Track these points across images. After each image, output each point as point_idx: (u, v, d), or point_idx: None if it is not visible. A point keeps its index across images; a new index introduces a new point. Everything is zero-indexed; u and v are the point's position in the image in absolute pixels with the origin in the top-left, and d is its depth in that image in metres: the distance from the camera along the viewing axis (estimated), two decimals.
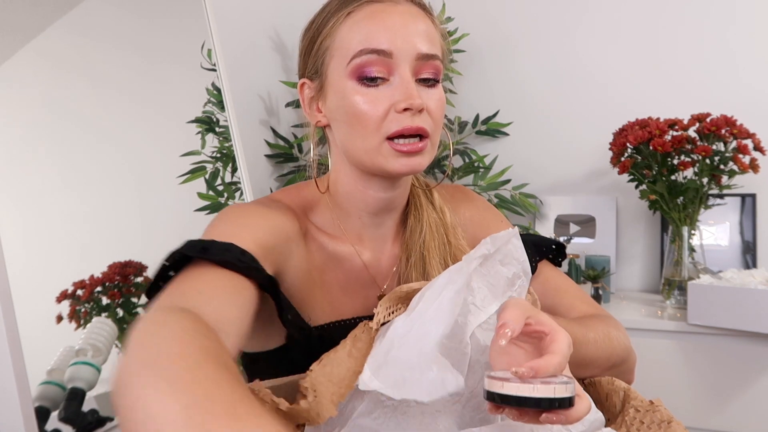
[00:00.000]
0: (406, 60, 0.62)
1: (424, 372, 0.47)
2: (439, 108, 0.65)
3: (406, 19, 0.62)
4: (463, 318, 0.53)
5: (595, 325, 0.65)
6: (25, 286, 0.77)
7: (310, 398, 0.45)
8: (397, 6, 0.64)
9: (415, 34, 0.62)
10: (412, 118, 0.61)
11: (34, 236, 0.88)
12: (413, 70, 0.62)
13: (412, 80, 0.62)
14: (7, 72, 0.85)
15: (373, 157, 0.63)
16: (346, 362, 0.51)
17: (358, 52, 0.61)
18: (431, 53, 0.63)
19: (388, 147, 0.62)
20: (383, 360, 0.49)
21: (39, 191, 0.90)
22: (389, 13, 0.63)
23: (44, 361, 0.86)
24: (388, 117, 0.62)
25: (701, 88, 1.58)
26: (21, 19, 0.88)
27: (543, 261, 0.77)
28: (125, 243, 1.04)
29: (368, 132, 0.62)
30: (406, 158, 0.62)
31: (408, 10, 0.64)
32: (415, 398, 0.46)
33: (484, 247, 0.53)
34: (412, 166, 0.63)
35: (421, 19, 0.64)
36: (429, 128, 0.63)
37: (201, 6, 1.22)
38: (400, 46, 0.61)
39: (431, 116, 0.63)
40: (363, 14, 0.63)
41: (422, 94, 0.63)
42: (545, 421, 0.42)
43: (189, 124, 1.22)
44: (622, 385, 0.55)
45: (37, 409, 0.79)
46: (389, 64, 0.62)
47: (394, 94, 0.62)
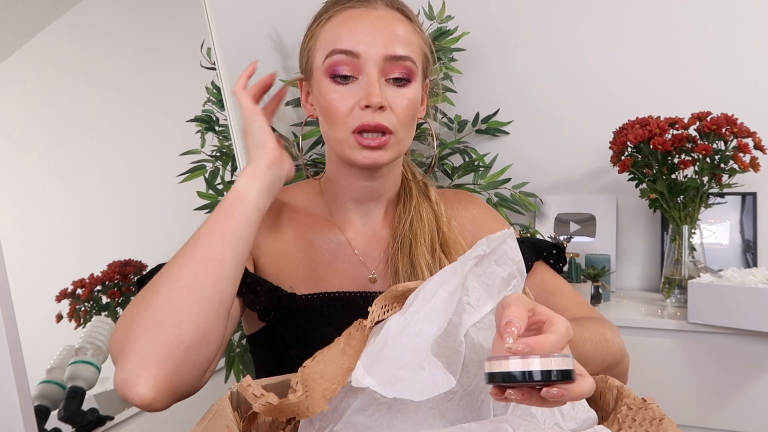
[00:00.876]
0: (372, 61, 0.68)
1: (417, 371, 0.47)
2: (406, 107, 0.70)
3: (377, 24, 0.69)
4: (458, 317, 0.53)
5: (590, 326, 0.66)
6: (24, 285, 0.77)
7: (299, 393, 0.46)
8: (373, 11, 0.70)
9: (385, 38, 0.68)
10: (372, 115, 0.67)
11: (33, 235, 0.88)
12: (381, 70, 0.68)
13: (377, 80, 0.68)
14: (5, 71, 0.85)
15: (343, 148, 0.70)
16: (339, 359, 0.52)
17: (330, 52, 0.69)
18: (401, 55, 0.68)
19: (353, 140, 0.69)
20: (376, 358, 0.50)
21: (38, 190, 0.90)
22: (362, 18, 0.69)
23: (44, 360, 0.86)
24: (353, 113, 0.68)
25: (702, 86, 1.58)
26: (20, 18, 0.88)
27: (540, 262, 0.79)
28: (125, 242, 1.04)
29: (338, 125, 0.69)
30: (368, 151, 0.68)
31: (383, 15, 0.70)
32: (407, 397, 0.46)
33: (479, 248, 0.54)
34: (373, 159, 0.69)
35: (396, 23, 0.70)
36: (391, 125, 0.68)
37: (200, 5, 1.22)
38: (367, 49, 0.67)
39: (396, 114, 0.69)
40: (339, 18, 0.70)
41: (389, 93, 0.69)
42: (548, 397, 0.41)
43: (188, 123, 1.22)
44: (615, 383, 0.55)
45: (37, 408, 0.79)
46: (357, 64, 0.68)
47: (360, 91, 0.68)
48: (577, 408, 0.51)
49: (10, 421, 0.72)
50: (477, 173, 1.56)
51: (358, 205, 0.78)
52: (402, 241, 0.75)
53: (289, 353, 0.69)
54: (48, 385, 0.85)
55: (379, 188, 0.77)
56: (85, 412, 0.87)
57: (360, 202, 0.78)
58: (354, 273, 0.76)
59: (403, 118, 0.69)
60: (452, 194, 0.86)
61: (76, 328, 0.91)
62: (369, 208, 0.78)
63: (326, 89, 0.69)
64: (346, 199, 0.78)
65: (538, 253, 0.79)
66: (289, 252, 0.75)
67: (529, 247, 0.77)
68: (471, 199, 0.87)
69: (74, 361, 0.88)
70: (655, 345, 1.24)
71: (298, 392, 0.46)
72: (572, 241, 1.61)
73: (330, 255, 0.76)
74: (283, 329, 0.70)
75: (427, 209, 0.78)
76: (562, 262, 0.81)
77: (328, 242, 0.77)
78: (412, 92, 0.70)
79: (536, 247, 0.79)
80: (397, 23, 0.70)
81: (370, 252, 0.77)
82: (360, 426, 0.50)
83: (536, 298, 0.71)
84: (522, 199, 1.55)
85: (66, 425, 0.84)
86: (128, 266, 1.01)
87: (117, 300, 0.98)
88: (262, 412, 0.46)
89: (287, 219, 0.77)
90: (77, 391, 0.87)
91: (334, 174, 0.77)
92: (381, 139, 0.68)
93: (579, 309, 0.75)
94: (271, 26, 1.57)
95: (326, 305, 0.71)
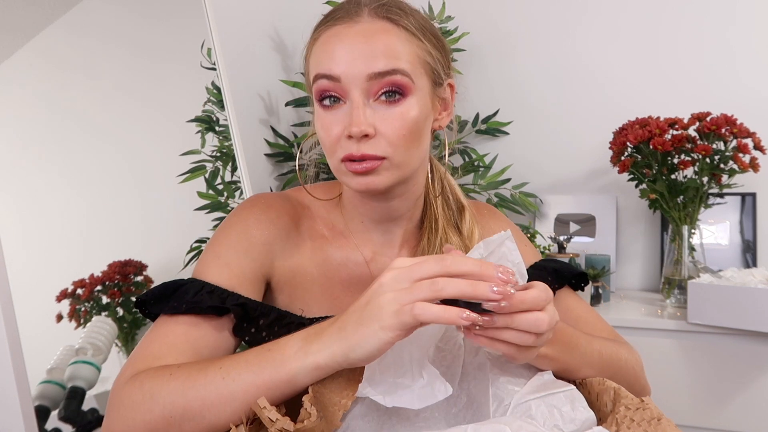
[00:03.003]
0: (354, 83, 0.62)
1: (416, 378, 0.47)
2: (398, 127, 0.63)
3: (356, 40, 0.62)
4: None
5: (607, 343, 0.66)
6: (25, 285, 0.77)
7: (313, 417, 0.46)
8: (355, 26, 0.63)
9: (367, 55, 0.61)
10: (357, 145, 0.62)
11: (34, 235, 0.88)
12: (366, 91, 0.62)
13: (360, 105, 0.62)
14: (6, 71, 0.85)
15: (338, 174, 0.66)
16: (346, 372, 0.52)
17: (315, 76, 0.64)
18: (384, 70, 0.61)
19: (344, 167, 0.64)
20: (377, 368, 0.50)
21: (38, 190, 0.90)
22: (342, 36, 0.63)
23: (44, 360, 0.86)
24: (340, 142, 0.63)
25: (701, 87, 1.58)
26: (20, 19, 0.88)
27: (565, 288, 0.77)
28: (125, 242, 1.04)
29: (328, 153, 0.66)
30: (361, 177, 0.64)
31: (365, 30, 0.63)
32: (406, 405, 0.46)
33: (477, 251, 0.54)
34: (367, 184, 0.64)
35: (379, 35, 0.63)
36: (381, 152, 0.62)
37: (200, 5, 1.22)
38: (348, 70, 0.62)
39: (386, 138, 0.63)
40: (322, 39, 0.65)
41: (380, 114, 0.63)
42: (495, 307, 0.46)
43: (189, 123, 1.22)
44: (612, 384, 0.55)
45: (37, 408, 0.79)
46: (340, 87, 0.63)
47: (345, 118, 0.63)
48: (576, 409, 0.51)
49: (10, 421, 0.72)
50: (477, 173, 1.56)
51: (377, 224, 0.73)
52: None
53: None
54: (48, 385, 0.85)
55: (396, 209, 0.72)
56: (85, 412, 0.88)
57: (378, 222, 0.73)
58: None
59: (395, 140, 0.63)
60: (474, 208, 0.80)
61: (76, 328, 0.91)
62: (389, 228, 0.74)
63: (317, 115, 0.66)
64: (363, 218, 0.73)
65: (562, 279, 0.76)
66: (306, 266, 0.71)
67: (552, 274, 0.74)
68: (493, 215, 0.83)
69: (74, 361, 0.88)
70: (655, 345, 1.24)
71: (312, 416, 0.46)
72: (572, 241, 1.61)
73: (346, 273, 0.72)
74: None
75: (455, 243, 0.73)
76: (585, 283, 0.78)
77: (345, 260, 0.72)
78: (406, 107, 0.63)
79: (559, 273, 0.76)
80: (381, 35, 0.63)
81: None
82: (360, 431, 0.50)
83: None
84: (522, 200, 1.55)
85: (66, 425, 0.84)
86: (128, 266, 1.01)
87: (117, 300, 0.98)
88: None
89: (306, 227, 0.73)
90: (77, 391, 0.87)
91: (348, 193, 0.73)
92: (367, 164, 0.62)
93: (602, 335, 0.73)
94: (271, 26, 1.57)
95: None
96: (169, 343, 0.58)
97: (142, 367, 0.56)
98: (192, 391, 0.51)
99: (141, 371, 0.55)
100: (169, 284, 0.62)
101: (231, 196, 1.26)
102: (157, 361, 0.57)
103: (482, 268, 0.46)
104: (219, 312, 0.61)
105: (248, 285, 0.64)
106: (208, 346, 0.60)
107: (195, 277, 0.64)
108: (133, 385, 0.54)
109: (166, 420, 0.52)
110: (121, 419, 0.53)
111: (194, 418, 0.51)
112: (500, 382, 0.53)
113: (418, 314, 0.45)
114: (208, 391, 0.51)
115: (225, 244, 0.66)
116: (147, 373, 0.54)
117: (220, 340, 0.62)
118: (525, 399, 0.51)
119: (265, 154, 1.50)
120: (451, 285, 0.46)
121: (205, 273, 0.64)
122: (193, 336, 0.60)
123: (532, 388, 0.53)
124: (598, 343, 0.64)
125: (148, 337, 0.60)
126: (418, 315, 0.45)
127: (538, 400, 0.51)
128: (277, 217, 0.70)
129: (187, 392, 0.52)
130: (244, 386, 0.51)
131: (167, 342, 0.58)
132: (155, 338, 0.59)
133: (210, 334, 0.61)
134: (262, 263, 0.67)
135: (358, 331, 0.47)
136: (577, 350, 0.60)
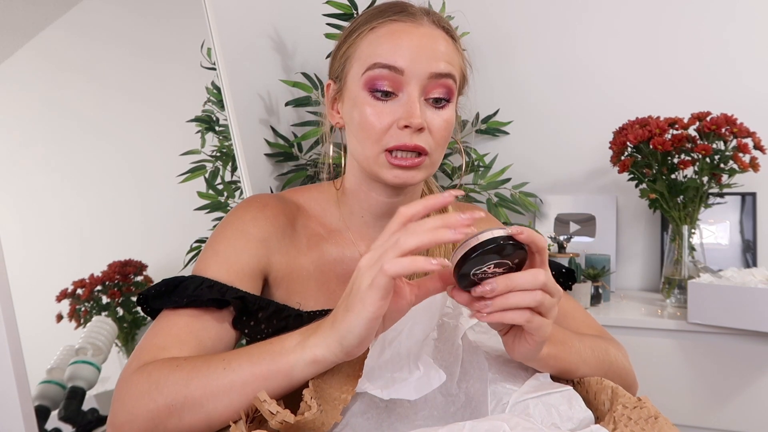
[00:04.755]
0: (416, 79, 0.65)
1: (413, 371, 0.47)
2: (444, 129, 0.68)
3: (424, 41, 0.66)
4: (455, 321, 0.54)
5: (595, 340, 0.67)
6: (24, 285, 0.77)
7: (314, 410, 0.46)
8: (419, 28, 0.68)
9: (431, 55, 0.66)
10: (410, 136, 0.65)
11: (33, 235, 0.88)
12: (423, 89, 0.66)
13: (418, 99, 0.65)
14: (6, 71, 0.85)
15: (371, 165, 0.68)
16: (345, 366, 0.52)
17: (373, 65, 0.66)
18: (444, 72, 0.66)
19: (384, 159, 0.66)
20: (375, 363, 0.50)
21: (38, 190, 0.90)
22: (409, 33, 0.67)
23: (44, 360, 0.86)
24: (390, 131, 0.66)
25: (701, 86, 1.58)
26: (20, 19, 0.89)
27: None
28: (125, 242, 1.04)
29: (370, 141, 0.67)
30: (400, 171, 0.66)
31: (429, 33, 0.68)
32: (403, 396, 0.47)
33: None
34: (405, 178, 0.67)
35: (441, 41, 0.68)
36: (428, 147, 0.67)
37: (200, 5, 1.22)
38: (412, 65, 0.65)
39: (433, 136, 0.67)
40: (384, 31, 0.68)
41: (428, 114, 0.67)
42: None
43: (189, 123, 1.22)
44: (610, 383, 0.56)
45: (37, 408, 0.79)
46: (399, 80, 0.65)
47: (399, 110, 0.66)
48: (573, 408, 0.51)
49: (10, 421, 0.72)
50: (477, 173, 1.56)
51: (376, 220, 0.75)
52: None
53: None
54: (48, 385, 0.85)
55: (400, 205, 0.74)
56: (85, 412, 0.88)
57: (378, 218, 0.75)
58: None
59: (440, 140, 0.68)
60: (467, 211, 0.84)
61: (76, 328, 0.91)
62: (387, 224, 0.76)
63: (362, 102, 0.67)
64: (363, 212, 0.75)
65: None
66: (301, 262, 0.73)
67: None
68: (486, 216, 0.85)
69: (74, 361, 0.89)
70: (655, 345, 1.24)
71: (313, 409, 0.46)
72: (572, 241, 1.61)
73: (342, 268, 0.74)
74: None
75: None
76: (572, 281, 0.81)
77: (341, 255, 0.74)
78: (449, 113, 0.69)
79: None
80: (442, 41, 0.68)
81: None
82: (359, 428, 0.50)
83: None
84: (522, 200, 1.55)
85: (66, 425, 0.84)
86: (128, 266, 1.01)
87: (117, 300, 0.98)
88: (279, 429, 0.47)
89: (301, 226, 0.75)
90: (77, 391, 0.87)
91: (354, 186, 0.75)
92: (415, 159, 0.66)
93: (590, 332, 0.75)
94: (271, 26, 1.57)
95: None
96: (173, 334, 0.60)
97: (148, 359, 0.57)
98: (195, 381, 0.53)
99: (148, 362, 0.56)
100: (170, 280, 0.64)
101: (231, 196, 1.26)
102: (163, 351, 0.58)
103: (444, 218, 0.47)
104: (219, 305, 0.62)
105: (247, 280, 0.66)
106: (211, 338, 0.62)
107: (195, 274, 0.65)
108: (141, 375, 0.55)
109: (168, 409, 0.52)
110: (125, 408, 0.54)
111: (194, 407, 0.52)
112: (498, 382, 0.53)
113: (387, 269, 0.45)
114: (210, 380, 0.52)
115: (223, 241, 0.68)
116: (154, 364, 0.56)
117: (221, 332, 0.63)
118: (523, 398, 0.51)
119: (265, 154, 1.51)
120: (412, 237, 0.46)
121: (204, 270, 0.65)
122: (196, 327, 0.61)
123: (529, 388, 0.53)
124: (589, 340, 0.66)
125: (152, 330, 0.61)
126: (387, 270, 0.45)
127: (536, 399, 0.51)
128: (273, 215, 0.71)
129: (190, 382, 0.53)
130: (243, 376, 0.52)
131: (171, 333, 0.60)
132: (159, 331, 0.61)
133: (212, 325, 0.62)
134: (259, 259, 0.68)
135: (346, 317, 0.48)
136: (573, 348, 0.61)
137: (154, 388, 0.53)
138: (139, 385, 0.54)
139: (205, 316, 0.62)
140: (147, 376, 0.54)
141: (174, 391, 0.53)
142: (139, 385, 0.54)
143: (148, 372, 0.55)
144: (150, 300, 0.63)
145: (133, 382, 0.55)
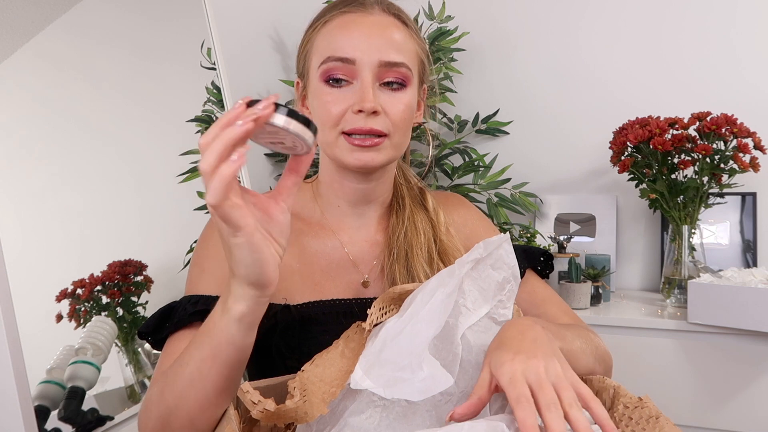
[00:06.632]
0: (367, 67, 0.67)
1: (416, 371, 0.47)
2: (402, 111, 0.69)
3: (372, 30, 0.69)
4: (454, 320, 0.54)
5: (577, 329, 0.69)
6: (24, 285, 0.77)
7: (296, 398, 0.46)
8: (369, 16, 0.70)
9: (380, 44, 0.68)
10: (365, 120, 0.67)
11: (33, 235, 0.88)
12: (376, 75, 0.68)
13: (371, 85, 0.67)
14: (5, 71, 0.85)
15: (333, 150, 0.70)
16: (338, 362, 0.52)
17: (326, 58, 0.69)
18: (395, 61, 0.68)
19: (344, 140, 0.68)
20: (375, 360, 0.50)
21: (38, 190, 0.90)
22: (358, 24, 0.69)
23: (44, 360, 0.86)
24: (345, 116, 0.68)
25: (701, 86, 1.58)
26: (20, 18, 0.88)
27: (530, 270, 0.81)
28: (125, 242, 1.04)
29: (328, 127, 0.69)
30: (360, 152, 0.68)
31: (379, 21, 0.70)
32: (407, 397, 0.47)
33: (476, 251, 0.55)
34: (366, 160, 0.68)
35: (392, 29, 0.70)
36: (385, 129, 0.68)
37: (200, 5, 1.22)
38: (362, 55, 0.67)
39: (390, 118, 0.69)
40: (336, 23, 0.70)
41: (383, 98, 0.69)
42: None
43: (188, 123, 1.22)
44: (612, 383, 0.56)
45: (37, 408, 0.79)
46: (352, 69, 0.68)
47: (353, 96, 0.68)
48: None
49: (10, 421, 0.72)
50: (477, 173, 1.56)
51: (352, 207, 0.77)
52: (398, 252, 0.74)
53: (284, 363, 0.68)
54: (48, 385, 0.85)
55: (373, 191, 0.76)
56: (85, 412, 0.88)
57: (354, 205, 0.77)
58: (348, 278, 0.75)
59: (398, 122, 0.69)
60: (442, 197, 0.86)
61: (76, 328, 0.91)
62: (363, 211, 0.78)
63: (320, 93, 0.69)
64: (339, 202, 0.77)
65: (530, 261, 0.80)
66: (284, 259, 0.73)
67: (520, 255, 0.77)
68: (462, 203, 0.87)
69: (74, 361, 0.88)
70: (655, 345, 1.24)
71: (295, 398, 0.47)
72: (572, 241, 1.61)
73: (324, 260, 0.75)
74: (278, 340, 0.69)
75: (422, 218, 0.78)
76: (550, 270, 0.83)
77: (322, 246, 0.76)
78: (407, 97, 0.70)
79: (528, 254, 0.80)
80: (393, 29, 0.70)
81: (364, 256, 0.77)
82: (357, 428, 0.50)
83: (526, 306, 0.76)
84: (522, 199, 1.55)
85: (66, 425, 0.84)
86: (128, 266, 1.01)
87: (117, 300, 0.98)
88: (260, 419, 0.46)
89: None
90: (77, 391, 0.87)
91: (327, 177, 0.77)
92: (375, 139, 0.68)
93: (566, 317, 0.77)
94: (271, 26, 1.57)
95: (321, 313, 0.70)
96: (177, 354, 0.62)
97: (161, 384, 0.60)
98: (166, 390, 0.56)
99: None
100: (163, 309, 0.67)
101: None
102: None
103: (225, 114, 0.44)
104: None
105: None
106: None
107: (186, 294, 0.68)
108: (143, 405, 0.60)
109: (161, 425, 0.56)
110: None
111: (173, 414, 0.55)
112: None
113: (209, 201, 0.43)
114: (175, 384, 0.55)
115: (204, 256, 0.71)
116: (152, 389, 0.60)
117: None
118: None
119: (265, 154, 1.51)
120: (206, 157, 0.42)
121: (194, 290, 0.68)
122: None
123: None
124: (574, 329, 0.67)
125: (160, 358, 0.65)
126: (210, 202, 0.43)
127: None
128: None
129: (165, 393, 0.56)
130: (195, 365, 0.53)
131: (176, 354, 0.62)
132: (165, 356, 0.64)
133: None
134: None
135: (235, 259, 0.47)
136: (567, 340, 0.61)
137: (145, 412, 0.58)
138: (141, 414, 0.59)
139: None
140: (144, 403, 0.59)
141: (157, 408, 0.56)
142: (141, 414, 0.59)
143: (145, 399, 0.60)
144: (152, 333, 0.66)
145: (140, 411, 0.60)
